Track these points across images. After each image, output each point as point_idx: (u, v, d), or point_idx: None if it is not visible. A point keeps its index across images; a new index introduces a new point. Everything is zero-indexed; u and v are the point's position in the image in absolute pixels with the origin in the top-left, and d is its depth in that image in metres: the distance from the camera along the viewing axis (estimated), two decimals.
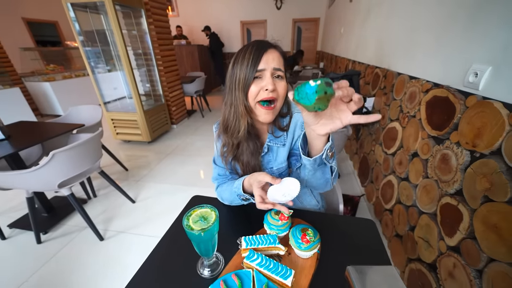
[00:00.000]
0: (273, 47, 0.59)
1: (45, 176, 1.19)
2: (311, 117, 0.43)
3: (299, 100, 0.37)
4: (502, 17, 0.70)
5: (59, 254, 1.38)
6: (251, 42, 0.60)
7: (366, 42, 2.11)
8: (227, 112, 0.64)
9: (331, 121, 0.42)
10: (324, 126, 0.43)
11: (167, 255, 0.60)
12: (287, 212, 0.56)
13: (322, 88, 0.34)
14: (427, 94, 1.03)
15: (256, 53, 0.56)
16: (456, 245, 0.79)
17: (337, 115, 0.41)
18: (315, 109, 0.37)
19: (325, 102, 0.36)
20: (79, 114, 2.02)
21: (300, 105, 0.39)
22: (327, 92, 0.34)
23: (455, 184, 0.81)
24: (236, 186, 0.64)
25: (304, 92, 0.36)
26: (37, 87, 3.78)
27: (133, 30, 2.70)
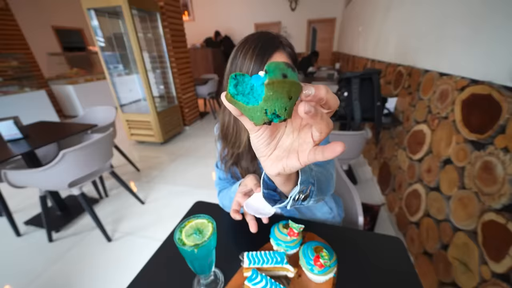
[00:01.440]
0: (281, 49, 0.49)
1: (55, 175, 1.19)
2: (262, 140, 0.26)
3: (237, 96, 0.20)
4: None
5: (68, 254, 1.38)
6: (255, 36, 0.50)
7: (387, 39, 1.96)
8: (226, 119, 0.57)
9: (286, 156, 0.26)
10: (275, 163, 0.27)
11: (162, 268, 0.54)
12: (253, 229, 0.47)
13: (277, 69, 0.18)
14: (463, 92, 0.90)
15: (258, 58, 0.47)
16: (505, 272, 0.65)
17: (296, 146, 0.25)
18: (267, 116, 0.20)
19: (284, 98, 0.19)
20: (95, 115, 2.07)
21: (238, 110, 0.22)
22: (287, 75, 0.18)
23: (503, 198, 0.68)
24: (233, 190, 0.57)
25: (245, 83, 0.20)
26: (61, 90, 4.00)
27: (148, 33, 2.76)
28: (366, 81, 1.47)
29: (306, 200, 0.36)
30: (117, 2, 2.17)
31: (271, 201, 0.36)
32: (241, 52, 0.49)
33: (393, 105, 1.59)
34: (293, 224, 0.48)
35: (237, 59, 0.50)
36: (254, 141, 0.26)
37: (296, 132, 0.26)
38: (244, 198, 0.48)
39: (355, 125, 1.49)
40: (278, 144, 0.27)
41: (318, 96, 0.20)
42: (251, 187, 0.48)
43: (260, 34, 0.51)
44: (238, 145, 0.56)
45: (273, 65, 0.18)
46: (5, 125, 1.32)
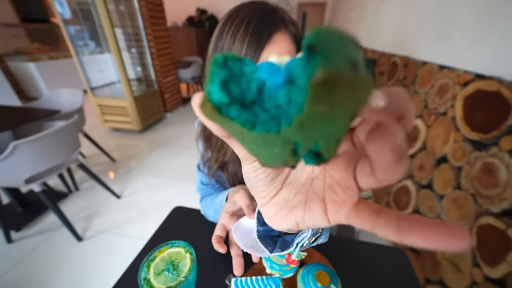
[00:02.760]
0: (283, 27, 0.37)
1: (6, 170, 1.01)
2: (260, 178, 0.15)
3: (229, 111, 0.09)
4: None
5: (31, 255, 1.23)
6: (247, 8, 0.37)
7: (382, 27, 1.88)
8: None
9: (302, 204, 0.15)
10: (282, 212, 0.16)
11: None
12: (238, 271, 0.34)
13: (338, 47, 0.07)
14: (466, 88, 0.85)
15: (254, 39, 0.34)
16: (499, 278, 0.64)
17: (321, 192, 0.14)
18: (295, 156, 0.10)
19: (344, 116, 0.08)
20: (59, 99, 1.82)
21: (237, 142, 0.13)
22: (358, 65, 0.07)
23: (504, 203, 0.65)
24: (219, 201, 0.47)
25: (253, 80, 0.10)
26: (21, 68, 3.50)
27: (120, 5, 2.43)
28: None
29: (316, 241, 0.26)
30: None
31: (268, 242, 0.25)
32: (229, 28, 0.36)
33: None
34: None
35: (223, 39, 0.37)
36: (248, 175, 0.16)
37: (323, 170, 0.14)
38: (232, 220, 0.38)
39: None
40: (288, 179, 0.16)
41: (396, 111, 0.09)
42: (242, 206, 0.37)
43: (254, 5, 0.38)
44: (224, 152, 0.45)
45: (328, 36, 0.07)
46: None
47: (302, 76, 0.08)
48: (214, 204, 0.49)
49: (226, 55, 0.09)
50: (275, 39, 0.36)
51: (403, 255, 0.52)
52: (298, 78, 0.08)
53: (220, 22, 0.39)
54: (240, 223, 0.36)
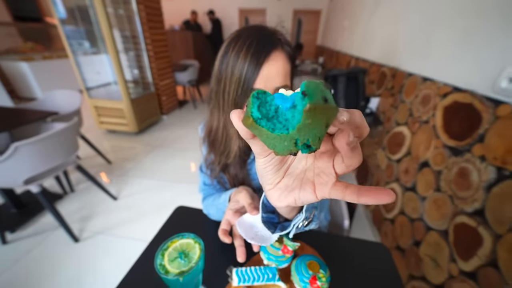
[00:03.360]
0: (280, 47, 0.43)
1: (6, 171, 1.02)
2: (271, 167, 0.21)
3: (261, 123, 0.15)
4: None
5: (27, 257, 1.23)
6: (249, 31, 0.43)
7: (373, 38, 1.98)
8: (214, 124, 0.51)
9: (299, 187, 0.21)
10: (284, 194, 0.22)
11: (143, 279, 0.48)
12: (241, 258, 0.42)
13: (317, 90, 0.13)
14: (446, 99, 0.93)
15: (255, 60, 0.40)
16: (472, 271, 0.71)
17: (311, 176, 0.21)
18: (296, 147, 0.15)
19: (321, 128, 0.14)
20: (56, 100, 1.82)
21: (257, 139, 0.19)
22: (328, 100, 0.14)
23: (475, 203, 0.73)
24: (222, 200, 0.52)
25: (271, 106, 0.16)
26: (14, 67, 3.45)
27: (119, 8, 2.46)
28: (352, 80, 1.48)
29: (308, 225, 0.33)
30: None
31: (270, 226, 0.32)
32: (233, 49, 0.42)
33: (375, 105, 1.63)
34: (287, 242, 0.44)
35: (227, 57, 0.43)
36: (260, 167, 0.22)
37: (311, 158, 0.21)
38: (235, 216, 0.43)
39: None
40: (288, 171, 0.23)
41: (354, 123, 0.15)
42: (245, 205, 0.42)
43: (254, 28, 0.45)
44: (227, 154, 0.50)
45: (312, 85, 0.14)
46: None
47: (299, 105, 0.14)
48: (217, 203, 0.54)
49: (258, 91, 0.16)
50: (272, 57, 0.42)
51: (386, 250, 0.58)
52: (298, 106, 0.14)
53: (225, 43, 0.45)
54: (243, 219, 0.41)
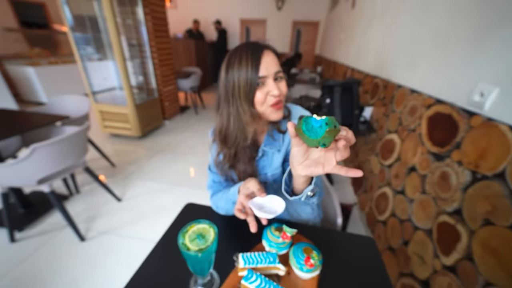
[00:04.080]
0: (268, 48, 0.56)
1: (23, 171, 1.09)
2: (300, 153, 0.41)
3: (305, 132, 0.35)
4: None
5: (35, 255, 1.28)
6: (243, 45, 0.56)
7: (367, 51, 2.11)
8: (224, 123, 0.60)
9: (314, 165, 0.41)
10: (306, 168, 0.42)
11: (158, 267, 0.55)
12: (253, 229, 0.53)
13: (332, 121, 0.33)
14: (429, 109, 1.03)
15: (254, 58, 0.52)
16: (452, 265, 0.78)
17: (322, 160, 0.40)
18: (319, 144, 0.34)
19: (332, 137, 0.34)
20: (64, 105, 1.90)
21: (300, 139, 0.38)
22: (336, 126, 0.33)
23: (454, 203, 0.81)
24: (232, 192, 0.60)
25: (310, 124, 0.35)
26: (20, 72, 3.54)
27: (127, 18, 2.58)
28: (347, 90, 1.58)
29: (313, 197, 0.52)
30: None
31: (288, 195, 0.52)
32: (236, 60, 0.53)
33: (369, 114, 1.73)
34: (287, 228, 0.52)
35: (233, 69, 0.54)
36: (295, 151, 0.41)
37: (323, 151, 0.40)
38: (247, 199, 0.53)
39: None
40: (309, 156, 0.42)
41: (348, 137, 0.35)
42: (254, 190, 0.53)
43: (246, 43, 0.56)
44: (243, 139, 0.60)
45: (332, 119, 0.33)
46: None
47: (324, 127, 0.33)
48: (227, 196, 0.62)
49: (305, 117, 0.35)
50: (265, 54, 0.54)
51: (372, 242, 0.65)
52: (323, 127, 0.33)
53: (226, 57, 0.56)
54: (253, 200, 0.53)
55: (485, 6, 0.81)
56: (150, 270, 0.55)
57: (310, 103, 2.00)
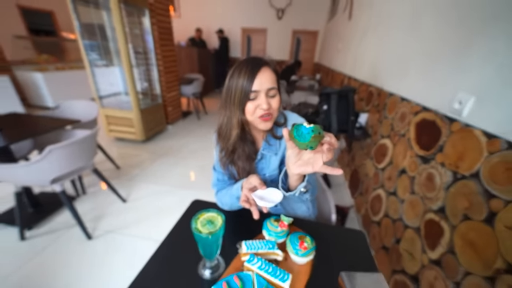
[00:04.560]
0: (266, 65, 0.63)
1: (39, 171, 1.17)
2: (294, 155, 0.52)
3: (296, 137, 0.46)
4: (486, 53, 0.78)
5: (44, 252, 1.34)
6: (247, 59, 0.64)
7: (362, 60, 2.22)
8: (220, 121, 0.70)
9: (305, 165, 0.51)
10: (298, 167, 0.52)
11: (169, 255, 0.62)
12: (256, 216, 0.61)
13: (317, 129, 0.44)
14: (417, 116, 1.12)
15: (251, 72, 0.60)
16: (437, 259, 0.85)
17: (312, 161, 0.50)
18: (307, 147, 0.44)
19: (317, 142, 0.44)
20: (73, 109, 1.99)
21: (293, 143, 0.49)
22: (320, 133, 0.44)
23: (438, 202, 0.88)
24: (236, 188, 0.68)
25: (300, 130, 0.45)
26: (28, 77, 3.66)
27: (135, 28, 2.71)
28: (343, 98, 1.68)
29: (306, 193, 0.61)
30: None
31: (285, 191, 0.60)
32: (237, 71, 0.63)
33: (364, 120, 1.82)
34: (284, 217, 0.60)
35: (234, 78, 0.63)
36: (289, 153, 0.53)
37: (312, 154, 0.50)
38: (250, 191, 0.62)
39: None
40: (301, 157, 0.52)
41: (331, 142, 0.47)
42: (256, 185, 0.62)
43: (250, 57, 0.65)
44: (228, 138, 0.69)
45: (317, 127, 0.44)
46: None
47: (310, 134, 0.45)
48: (231, 192, 0.69)
49: (297, 125, 0.47)
50: (262, 70, 0.61)
51: (362, 235, 0.72)
52: (309, 133, 0.45)
53: (232, 69, 0.65)
54: (256, 192, 0.61)
55: (462, 26, 0.91)
56: (164, 255, 0.62)
57: (308, 109, 2.09)
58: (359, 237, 0.71)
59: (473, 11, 0.86)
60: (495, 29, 0.76)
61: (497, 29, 0.75)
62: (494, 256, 0.64)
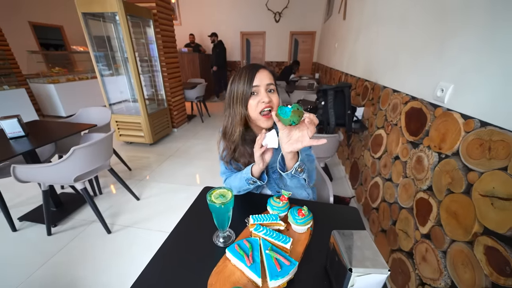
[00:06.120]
0: (264, 68, 0.73)
1: (64, 170, 1.29)
2: (285, 135, 0.61)
3: (280, 115, 0.57)
4: (463, 46, 0.88)
5: (68, 246, 1.46)
6: (246, 66, 0.75)
7: (357, 57, 2.32)
8: (225, 122, 0.80)
9: (295, 142, 0.61)
10: (290, 145, 0.62)
11: (187, 229, 0.72)
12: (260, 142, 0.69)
13: (296, 106, 0.55)
14: (406, 105, 1.21)
15: (251, 73, 0.70)
16: (427, 233, 0.93)
17: (301, 139, 0.60)
18: (290, 122, 0.54)
19: (297, 117, 0.54)
20: (88, 115, 2.13)
21: (279, 121, 0.58)
22: (299, 109, 0.55)
23: (427, 181, 0.97)
24: (245, 171, 0.78)
25: (283, 109, 0.56)
26: (42, 89, 3.86)
27: (141, 38, 2.87)
28: (339, 93, 1.77)
29: (302, 172, 0.67)
30: (112, 8, 2.27)
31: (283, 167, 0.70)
32: (238, 76, 0.73)
33: (361, 113, 1.91)
34: (284, 192, 0.70)
35: (235, 82, 0.74)
36: (281, 134, 0.61)
37: (300, 132, 0.60)
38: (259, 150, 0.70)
39: (330, 129, 1.77)
40: (292, 137, 0.61)
41: (310, 117, 0.58)
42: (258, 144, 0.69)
43: (249, 64, 0.76)
44: (233, 135, 0.78)
45: (296, 105, 0.55)
46: (9, 123, 1.38)
47: (290, 110, 0.56)
48: (240, 175, 0.79)
49: (280, 106, 0.58)
50: (260, 71, 0.72)
51: (356, 211, 0.82)
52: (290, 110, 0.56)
53: (232, 76, 0.75)
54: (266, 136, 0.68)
55: (443, 21, 1.00)
56: (182, 230, 0.72)
57: (307, 106, 2.18)
58: (353, 212, 0.81)
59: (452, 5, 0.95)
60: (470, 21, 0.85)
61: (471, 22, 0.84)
62: (472, 222, 0.72)
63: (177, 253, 0.64)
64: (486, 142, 0.70)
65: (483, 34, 0.78)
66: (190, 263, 0.61)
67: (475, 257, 0.70)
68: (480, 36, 0.79)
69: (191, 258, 0.62)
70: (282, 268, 0.53)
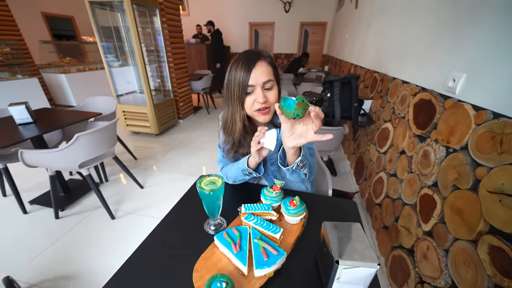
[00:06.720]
0: (262, 59, 0.66)
1: (69, 155, 1.33)
2: (287, 129, 0.56)
3: (284, 107, 0.51)
4: (478, 34, 0.81)
5: (74, 229, 1.52)
6: (244, 53, 0.68)
7: (368, 48, 2.21)
8: (225, 116, 0.76)
9: (298, 137, 0.56)
10: (292, 140, 0.56)
11: (180, 216, 0.72)
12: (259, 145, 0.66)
13: (300, 98, 0.50)
14: (415, 97, 1.14)
15: (246, 69, 0.64)
16: (429, 230, 0.89)
17: (304, 133, 0.54)
18: (294, 115, 0.49)
19: (302, 110, 0.48)
20: (94, 104, 2.17)
21: (282, 114, 0.53)
22: (304, 101, 0.49)
23: (432, 177, 0.92)
24: (241, 162, 0.76)
25: (287, 101, 0.51)
26: (53, 78, 3.97)
27: (147, 28, 2.86)
28: (346, 85, 1.70)
29: (303, 168, 0.64)
30: None
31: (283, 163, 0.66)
32: (235, 65, 0.68)
33: (368, 106, 1.84)
34: (277, 182, 0.68)
35: (232, 71, 0.69)
36: (284, 128, 0.57)
37: (304, 126, 0.55)
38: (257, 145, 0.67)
39: (335, 122, 1.72)
40: (295, 131, 0.57)
41: (316, 110, 0.50)
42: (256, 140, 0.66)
43: (246, 51, 0.71)
44: (234, 132, 0.75)
45: (300, 97, 0.50)
46: (17, 110, 1.43)
47: (294, 102, 0.50)
48: (237, 165, 0.77)
49: (284, 98, 0.53)
50: (258, 64, 0.66)
51: (354, 204, 0.79)
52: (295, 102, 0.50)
53: (231, 63, 0.70)
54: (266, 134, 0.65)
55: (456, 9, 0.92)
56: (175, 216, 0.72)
57: (313, 98, 2.13)
58: (351, 205, 0.78)
59: None
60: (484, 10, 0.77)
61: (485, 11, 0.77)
62: (478, 219, 0.68)
63: (167, 238, 0.65)
64: (498, 135, 0.65)
65: (500, 22, 0.71)
66: (179, 249, 0.61)
67: (478, 257, 0.67)
68: (497, 23, 0.72)
69: (180, 244, 0.62)
70: (269, 257, 0.51)
